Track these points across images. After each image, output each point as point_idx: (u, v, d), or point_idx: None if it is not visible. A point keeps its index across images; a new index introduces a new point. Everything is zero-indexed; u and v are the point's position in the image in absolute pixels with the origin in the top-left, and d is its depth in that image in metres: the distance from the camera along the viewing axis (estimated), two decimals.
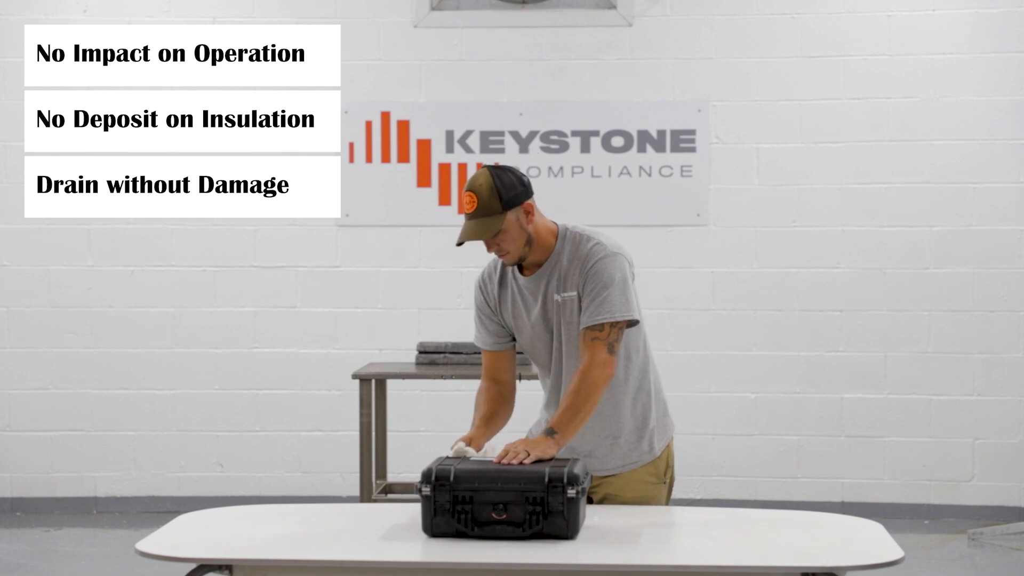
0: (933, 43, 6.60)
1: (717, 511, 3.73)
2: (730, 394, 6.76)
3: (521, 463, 3.28)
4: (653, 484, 3.64)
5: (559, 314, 3.55)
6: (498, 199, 3.44)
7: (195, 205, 6.78)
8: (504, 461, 3.30)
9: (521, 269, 3.60)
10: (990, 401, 6.65)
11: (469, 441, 3.52)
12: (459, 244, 3.49)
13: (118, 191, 6.76)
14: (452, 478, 3.21)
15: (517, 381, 3.77)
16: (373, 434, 5.83)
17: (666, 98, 6.72)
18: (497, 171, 3.49)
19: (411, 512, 3.40)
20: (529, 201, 3.49)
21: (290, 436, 6.85)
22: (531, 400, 3.92)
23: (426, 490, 3.21)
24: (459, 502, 3.20)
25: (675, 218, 6.74)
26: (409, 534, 3.25)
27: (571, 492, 3.17)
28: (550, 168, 6.73)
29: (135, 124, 6.76)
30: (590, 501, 3.53)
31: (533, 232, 3.50)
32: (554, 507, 3.17)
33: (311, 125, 6.65)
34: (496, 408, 3.67)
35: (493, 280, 3.66)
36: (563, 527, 3.18)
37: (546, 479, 3.18)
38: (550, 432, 3.39)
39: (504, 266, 3.63)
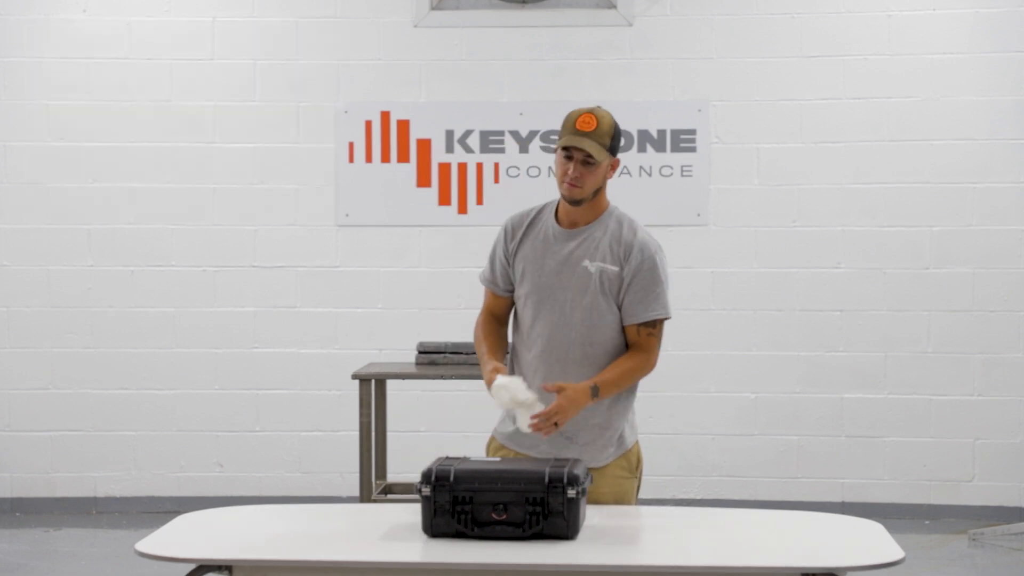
0: (933, 43, 6.60)
1: (717, 511, 3.73)
2: (730, 394, 6.76)
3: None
4: (626, 479, 3.67)
5: (582, 279, 3.58)
6: (611, 139, 3.54)
7: (198, 204, 6.81)
8: (557, 420, 3.40)
9: (558, 220, 3.64)
10: (990, 401, 6.65)
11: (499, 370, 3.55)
12: (565, 148, 3.51)
13: (118, 190, 6.78)
14: (452, 478, 3.21)
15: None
16: (373, 434, 5.82)
17: (666, 98, 6.72)
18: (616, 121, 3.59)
19: (411, 512, 3.39)
20: (618, 159, 3.61)
21: (290, 436, 6.85)
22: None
23: (426, 490, 3.21)
24: (459, 502, 3.19)
25: (675, 218, 6.73)
26: (409, 534, 3.25)
27: (571, 492, 3.17)
28: (550, 168, 6.72)
29: (135, 122, 6.77)
30: None
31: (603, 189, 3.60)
32: (554, 507, 3.17)
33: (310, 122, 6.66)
34: (498, 341, 3.72)
35: (523, 223, 3.68)
36: (563, 527, 3.18)
37: (546, 479, 3.18)
38: (595, 389, 3.49)
39: (533, 216, 3.66)
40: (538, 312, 3.62)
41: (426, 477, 3.22)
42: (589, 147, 3.48)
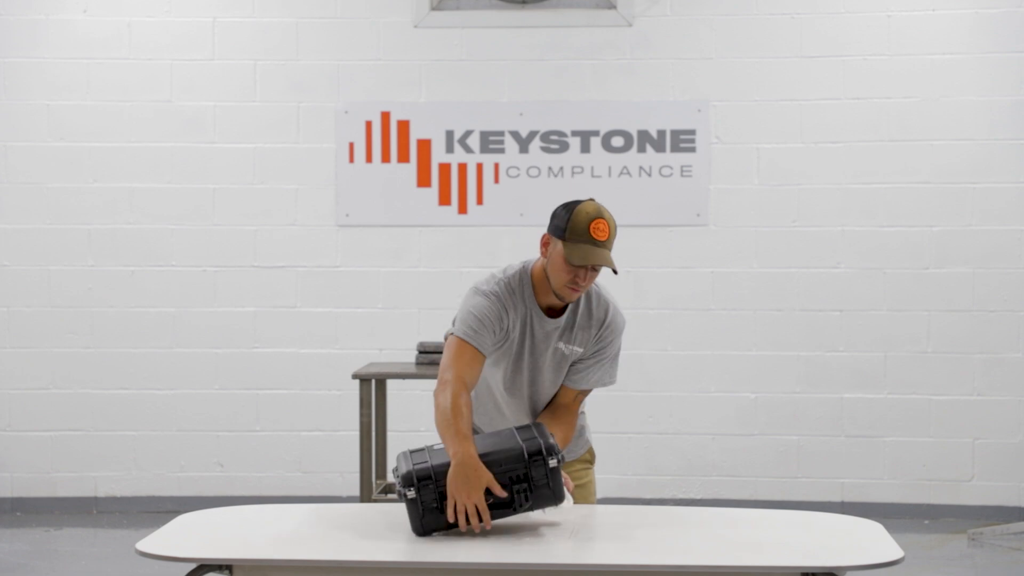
0: (933, 43, 6.61)
1: (717, 511, 3.73)
2: (730, 394, 6.76)
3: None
4: (585, 469, 3.77)
5: (556, 360, 3.58)
6: (612, 243, 3.45)
7: (198, 204, 6.81)
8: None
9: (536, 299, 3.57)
10: (990, 401, 6.65)
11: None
12: (589, 266, 3.39)
13: (118, 190, 6.78)
14: (434, 475, 3.21)
15: None
16: (373, 434, 5.83)
17: (666, 98, 6.72)
18: None
19: None
20: None
21: (290, 436, 6.85)
22: None
23: (411, 493, 3.20)
24: (446, 497, 3.20)
25: (675, 218, 6.74)
26: (408, 534, 3.25)
27: (552, 462, 3.22)
28: (550, 168, 6.72)
29: (135, 122, 6.77)
30: None
31: None
32: (539, 480, 3.22)
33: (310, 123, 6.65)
34: (470, 423, 3.50)
35: (514, 301, 3.55)
36: (550, 497, 3.24)
37: (526, 455, 3.22)
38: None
39: (519, 295, 3.55)
40: (512, 383, 3.61)
41: (407, 480, 3.21)
42: (608, 262, 3.38)
